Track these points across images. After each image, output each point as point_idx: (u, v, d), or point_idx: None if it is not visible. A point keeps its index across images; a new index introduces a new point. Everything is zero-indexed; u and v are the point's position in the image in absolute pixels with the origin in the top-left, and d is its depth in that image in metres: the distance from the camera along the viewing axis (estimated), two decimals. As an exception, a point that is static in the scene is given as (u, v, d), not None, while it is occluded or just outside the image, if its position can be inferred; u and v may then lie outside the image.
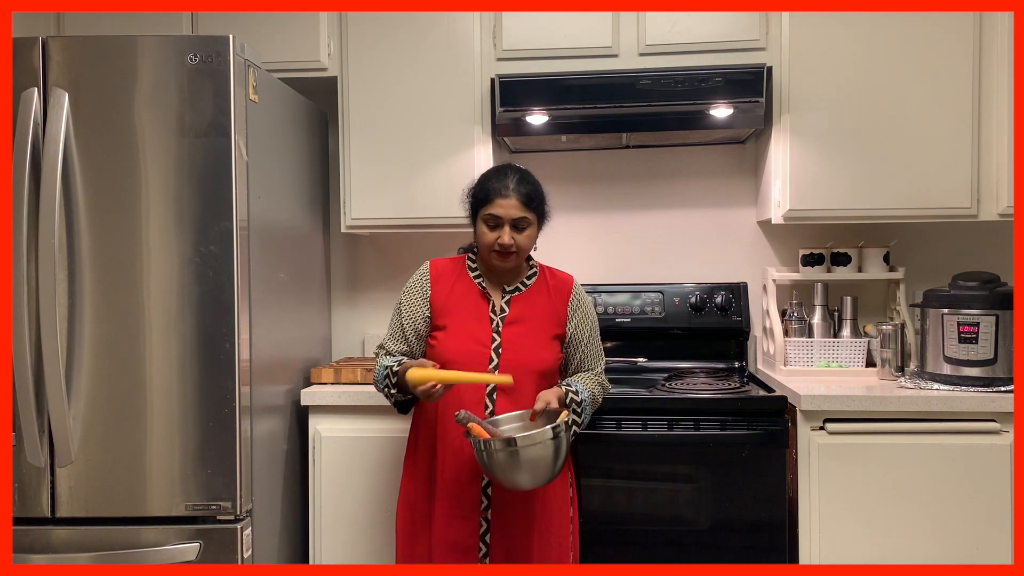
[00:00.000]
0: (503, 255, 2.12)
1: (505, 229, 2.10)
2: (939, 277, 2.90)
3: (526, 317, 2.17)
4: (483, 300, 2.18)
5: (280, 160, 2.59)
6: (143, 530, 2.20)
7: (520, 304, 2.19)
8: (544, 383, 2.16)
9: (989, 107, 2.67)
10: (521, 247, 2.12)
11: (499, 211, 2.09)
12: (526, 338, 2.14)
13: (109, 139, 2.18)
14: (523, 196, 2.10)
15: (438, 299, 2.19)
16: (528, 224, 2.12)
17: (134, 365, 2.20)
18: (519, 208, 2.10)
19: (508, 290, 2.20)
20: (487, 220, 2.12)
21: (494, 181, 2.13)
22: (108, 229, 2.19)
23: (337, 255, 3.22)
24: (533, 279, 2.23)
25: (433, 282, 2.21)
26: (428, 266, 2.24)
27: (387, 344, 2.23)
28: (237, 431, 2.21)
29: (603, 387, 2.27)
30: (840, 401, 2.44)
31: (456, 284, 2.20)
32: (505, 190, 2.10)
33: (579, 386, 2.17)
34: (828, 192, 2.72)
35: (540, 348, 2.16)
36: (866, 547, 2.43)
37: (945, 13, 2.66)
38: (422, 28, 2.82)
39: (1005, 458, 2.40)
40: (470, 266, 2.24)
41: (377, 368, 2.19)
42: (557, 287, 2.23)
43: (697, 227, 3.15)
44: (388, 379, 2.14)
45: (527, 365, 2.12)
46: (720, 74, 2.66)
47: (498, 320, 2.16)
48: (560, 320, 2.20)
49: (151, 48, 2.18)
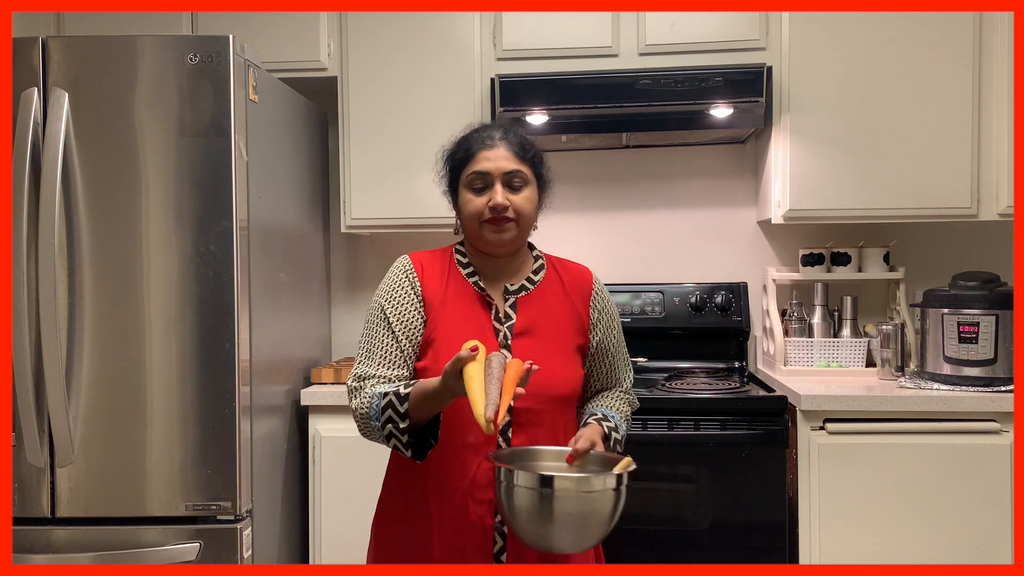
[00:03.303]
0: (498, 222, 1.60)
1: (496, 187, 1.60)
2: (939, 277, 2.90)
3: (539, 325, 1.65)
4: (482, 305, 1.65)
5: (280, 160, 2.59)
6: (143, 530, 2.20)
7: (529, 308, 1.66)
8: (567, 412, 1.68)
9: (989, 107, 2.67)
10: (521, 211, 1.61)
11: (486, 165, 1.61)
12: (543, 353, 1.59)
13: (109, 139, 2.18)
14: (514, 145, 1.64)
15: (432, 299, 1.64)
16: (525, 182, 1.63)
17: (134, 365, 2.20)
18: (511, 159, 1.62)
19: (511, 290, 1.66)
20: (472, 183, 1.62)
21: (475, 133, 1.69)
22: (108, 229, 2.19)
23: (337, 255, 3.22)
24: (541, 274, 1.71)
25: (422, 277, 1.66)
26: (407, 259, 1.69)
27: (372, 371, 1.60)
28: (237, 431, 2.21)
29: (632, 407, 1.81)
30: (840, 401, 2.44)
31: (447, 284, 1.66)
32: (491, 140, 1.64)
33: (616, 418, 1.69)
34: (828, 192, 2.72)
35: (562, 365, 1.64)
36: (866, 547, 2.43)
37: (945, 13, 2.66)
38: (422, 28, 2.82)
39: (1005, 458, 2.40)
40: (459, 260, 1.70)
41: (363, 401, 1.56)
42: (573, 283, 1.73)
43: (697, 227, 3.15)
44: (392, 408, 1.52)
45: (548, 389, 1.58)
46: (720, 74, 2.66)
47: (504, 330, 1.62)
48: (581, 326, 1.69)
49: (151, 48, 2.18)
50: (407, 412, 1.51)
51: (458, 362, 1.40)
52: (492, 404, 1.34)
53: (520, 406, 1.55)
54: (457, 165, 1.67)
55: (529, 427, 1.59)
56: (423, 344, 1.63)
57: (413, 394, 1.51)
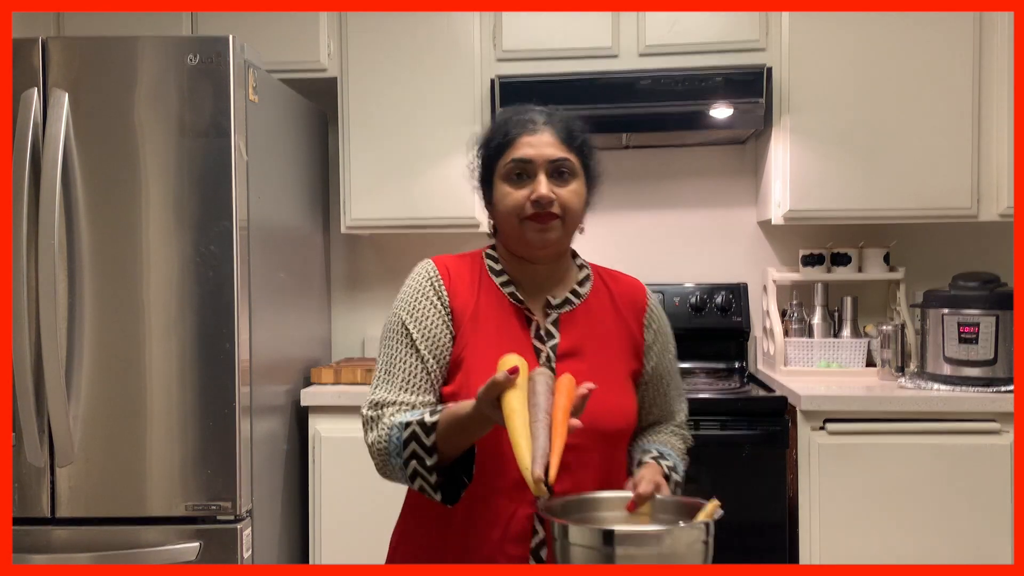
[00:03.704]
0: (542, 219, 1.35)
1: (540, 178, 1.35)
2: (939, 277, 2.90)
3: (587, 346, 1.40)
4: (519, 320, 1.40)
5: (280, 160, 2.59)
6: (143, 530, 2.20)
7: (575, 326, 1.42)
8: (620, 451, 1.43)
9: (989, 107, 2.67)
10: (568, 207, 1.36)
11: (528, 151, 1.37)
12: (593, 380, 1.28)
13: (109, 139, 2.19)
14: (561, 130, 1.39)
15: (461, 311, 1.39)
16: (572, 173, 1.38)
17: (134, 365, 2.20)
18: (557, 145, 1.38)
19: (554, 304, 1.42)
20: (510, 173, 1.38)
21: (514, 115, 1.44)
22: (108, 229, 2.19)
23: (337, 255, 3.22)
24: (587, 285, 1.47)
25: (449, 285, 1.41)
26: (431, 264, 1.44)
27: (391, 396, 1.35)
28: (237, 431, 2.21)
29: (686, 444, 1.55)
30: (840, 401, 2.44)
31: (479, 294, 1.42)
32: (533, 124, 1.39)
33: (674, 457, 1.46)
34: (828, 192, 2.72)
35: (616, 394, 1.39)
36: (866, 547, 2.43)
37: (945, 13, 2.66)
38: (422, 28, 2.82)
39: (1005, 458, 2.40)
40: (491, 267, 1.45)
41: (380, 433, 1.33)
42: (625, 298, 1.49)
43: (697, 227, 3.14)
44: (417, 441, 1.26)
45: (599, 423, 1.31)
46: (720, 74, 2.66)
47: (547, 351, 1.38)
48: (635, 347, 1.45)
49: (151, 48, 2.18)
50: (435, 445, 1.25)
51: (494, 387, 1.14)
52: (542, 455, 1.07)
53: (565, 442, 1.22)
54: (493, 153, 1.42)
55: (575, 469, 1.31)
56: (452, 363, 1.37)
57: (442, 423, 1.24)
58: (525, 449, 1.08)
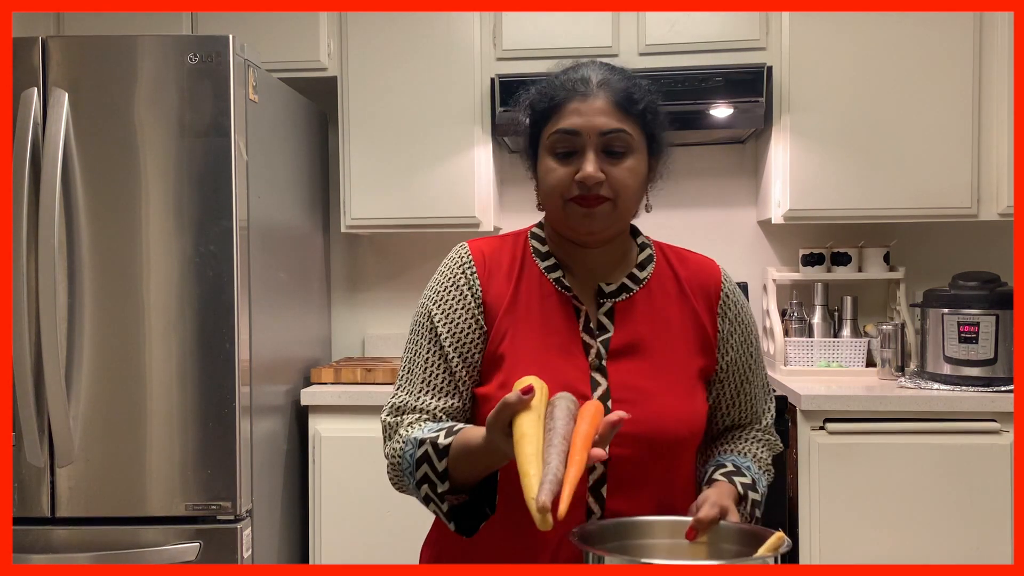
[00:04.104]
0: (588, 202, 1.17)
1: (588, 154, 1.16)
2: (939, 277, 2.90)
3: (646, 341, 1.22)
4: (566, 310, 1.22)
5: (280, 160, 2.59)
6: (143, 530, 2.20)
7: (633, 316, 1.23)
8: (685, 462, 1.25)
9: (989, 107, 2.67)
10: (621, 187, 1.17)
11: (575, 121, 1.17)
12: (653, 380, 1.20)
13: (109, 139, 2.18)
14: (619, 92, 1.18)
15: (496, 303, 1.23)
16: (629, 147, 1.18)
17: (134, 365, 2.20)
18: (612, 113, 1.17)
19: (608, 291, 1.24)
20: (555, 145, 1.19)
21: (565, 74, 1.23)
22: (108, 229, 2.19)
23: (337, 255, 3.22)
24: (649, 268, 1.28)
25: (484, 274, 1.24)
26: (466, 248, 1.27)
27: (412, 400, 1.21)
28: (237, 431, 2.21)
29: (772, 452, 1.34)
30: (840, 401, 2.44)
31: (519, 281, 1.25)
32: (584, 85, 1.18)
33: (754, 471, 1.26)
34: (828, 192, 2.72)
35: (680, 397, 1.21)
36: (866, 547, 2.43)
37: (945, 13, 2.66)
38: (422, 28, 2.82)
39: (1005, 458, 2.40)
40: (536, 248, 1.27)
41: (395, 446, 1.19)
42: (694, 282, 1.29)
43: (697, 227, 3.14)
44: (429, 463, 1.12)
45: (659, 432, 1.16)
46: (720, 74, 2.66)
47: (598, 346, 1.20)
48: (706, 341, 1.26)
49: (151, 48, 2.18)
50: (446, 471, 1.10)
51: (505, 410, 0.98)
52: (551, 481, 0.88)
53: (618, 453, 1.11)
54: (539, 119, 1.23)
55: (632, 486, 1.15)
56: (486, 364, 1.22)
57: (455, 448, 1.09)
58: (534, 477, 0.90)
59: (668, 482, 1.20)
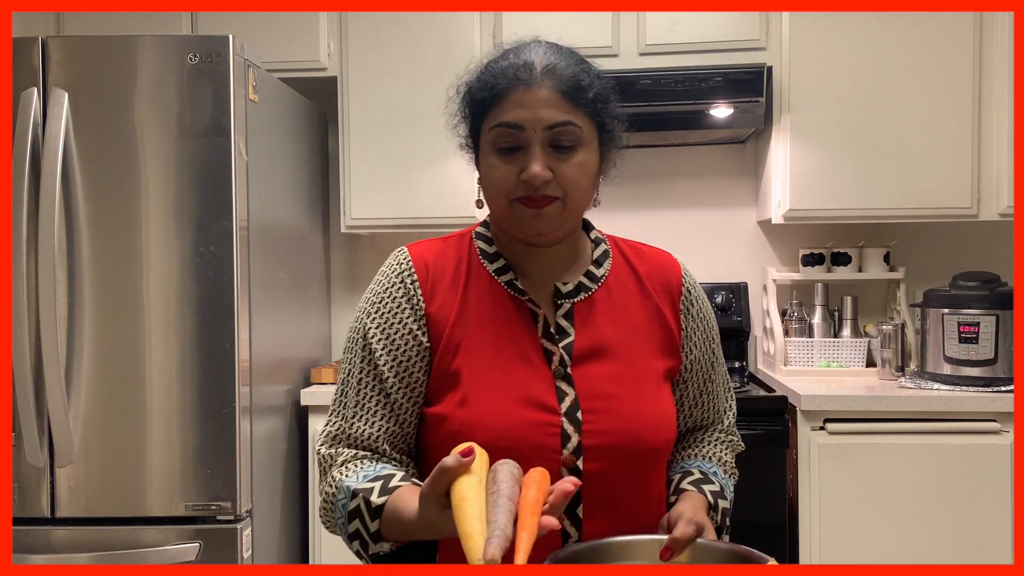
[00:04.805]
0: (535, 203, 1.06)
1: (534, 150, 1.05)
2: (939, 277, 2.90)
3: (611, 343, 1.13)
4: (521, 315, 1.12)
5: (280, 160, 2.59)
6: (143, 530, 2.20)
7: (594, 317, 1.14)
8: (660, 471, 1.16)
9: (989, 107, 2.67)
10: (570, 186, 1.07)
11: (519, 114, 1.05)
12: (623, 385, 1.10)
13: (109, 139, 2.18)
14: (565, 81, 1.07)
15: (442, 316, 1.12)
16: (578, 140, 1.07)
17: (134, 365, 2.20)
18: (559, 104, 1.06)
19: (565, 291, 1.14)
20: (497, 140, 1.08)
21: (506, 60, 1.12)
22: (108, 229, 2.19)
23: (337, 255, 3.22)
24: (606, 264, 1.19)
25: (425, 284, 1.13)
26: (405, 254, 1.16)
27: (346, 427, 1.11)
28: (237, 431, 2.21)
29: (735, 453, 1.28)
30: (840, 401, 2.44)
31: (466, 287, 1.13)
32: (528, 72, 1.07)
33: (720, 476, 1.20)
34: (828, 192, 2.72)
35: (652, 402, 1.12)
36: (866, 547, 2.43)
37: (945, 13, 2.66)
38: (422, 28, 2.82)
39: (1005, 458, 2.40)
40: (483, 249, 1.17)
41: (328, 488, 1.10)
42: (655, 277, 1.20)
43: (697, 227, 3.14)
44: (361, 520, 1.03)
45: (635, 442, 1.08)
46: (720, 74, 2.66)
47: (560, 353, 1.10)
48: (670, 341, 1.17)
49: (151, 48, 2.18)
50: (379, 533, 1.01)
51: (442, 477, 0.86)
52: (499, 537, 0.78)
53: (592, 469, 1.02)
54: (479, 110, 1.12)
55: (610, 503, 1.07)
56: (436, 382, 1.10)
57: (387, 513, 1.00)
58: (478, 536, 0.79)
59: (645, 496, 1.12)
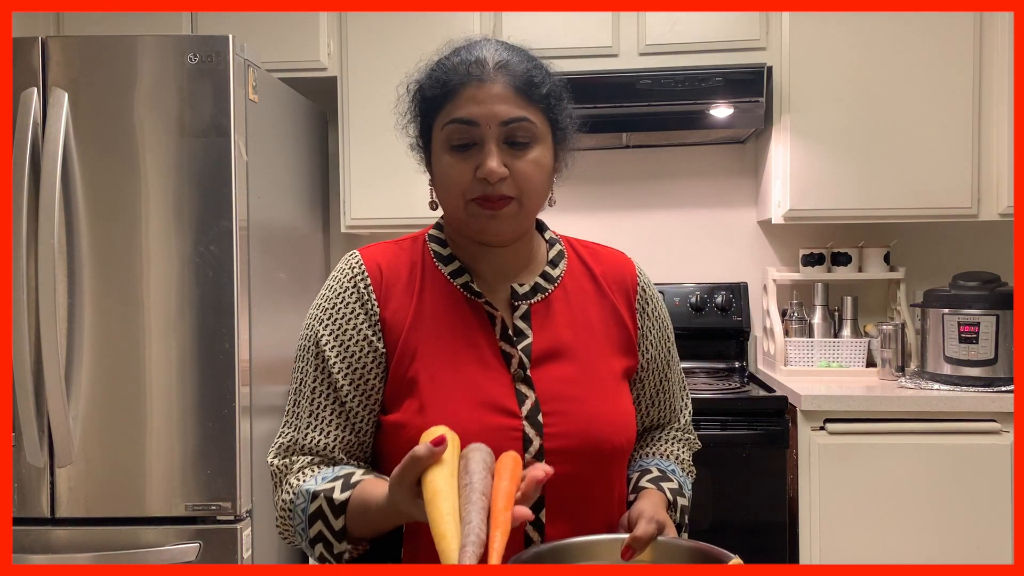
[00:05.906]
0: (492, 203, 1.05)
1: (489, 147, 1.04)
2: (939, 277, 2.90)
3: (569, 343, 1.12)
4: (479, 318, 1.11)
5: (280, 160, 2.59)
6: (143, 530, 2.20)
7: (552, 318, 1.13)
8: (623, 472, 1.16)
9: (989, 107, 2.67)
10: (526, 184, 1.06)
11: (472, 110, 1.05)
12: (582, 386, 1.10)
13: (109, 139, 2.18)
14: (519, 77, 1.07)
15: (397, 321, 1.10)
16: (534, 135, 1.07)
17: (134, 365, 2.20)
18: (513, 100, 1.05)
19: (521, 292, 1.13)
20: (450, 138, 1.07)
21: (457, 56, 1.11)
22: (108, 229, 2.19)
23: (337, 255, 3.22)
24: (561, 265, 1.18)
25: (379, 288, 1.12)
26: (357, 258, 1.15)
27: (299, 438, 1.11)
28: (237, 431, 2.20)
29: (691, 450, 1.29)
30: (840, 401, 2.44)
31: (421, 291, 1.12)
32: (480, 68, 1.06)
33: (679, 474, 1.21)
34: (828, 192, 2.72)
35: (612, 401, 1.12)
36: (866, 547, 2.43)
37: (945, 13, 2.66)
38: (422, 28, 2.82)
39: (1005, 458, 2.40)
40: (437, 252, 1.16)
41: (285, 497, 1.09)
42: (610, 277, 1.21)
43: (697, 227, 3.14)
44: (324, 521, 1.02)
45: (597, 442, 1.08)
46: (720, 74, 2.66)
47: (519, 355, 1.09)
48: (627, 338, 1.18)
49: (151, 48, 2.18)
50: (344, 529, 1.00)
51: (413, 466, 0.86)
52: (474, 542, 0.78)
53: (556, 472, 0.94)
54: (431, 107, 1.11)
55: (573, 506, 1.06)
56: (392, 389, 1.08)
57: (352, 506, 0.99)
58: (452, 539, 0.79)
59: (607, 497, 1.11)
